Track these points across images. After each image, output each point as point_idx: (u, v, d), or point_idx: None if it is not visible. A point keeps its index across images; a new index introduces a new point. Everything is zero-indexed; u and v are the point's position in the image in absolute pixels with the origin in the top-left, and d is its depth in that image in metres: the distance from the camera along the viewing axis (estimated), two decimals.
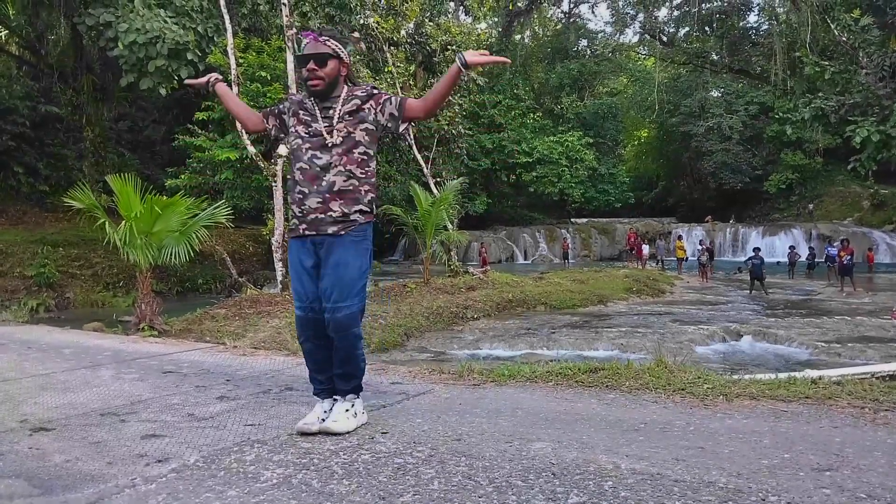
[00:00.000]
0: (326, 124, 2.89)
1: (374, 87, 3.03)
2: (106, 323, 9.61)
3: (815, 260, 22.82)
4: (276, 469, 2.45)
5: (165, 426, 3.11)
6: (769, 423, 2.95)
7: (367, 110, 2.92)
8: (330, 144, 2.86)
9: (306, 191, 2.87)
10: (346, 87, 2.97)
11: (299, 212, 2.90)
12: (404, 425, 3.00)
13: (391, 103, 2.93)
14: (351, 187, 2.87)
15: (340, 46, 2.95)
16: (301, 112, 2.96)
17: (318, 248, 2.88)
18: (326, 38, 2.93)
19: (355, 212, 2.87)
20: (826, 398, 3.30)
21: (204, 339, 7.65)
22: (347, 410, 2.93)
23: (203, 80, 3.31)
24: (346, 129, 2.88)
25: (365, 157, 2.92)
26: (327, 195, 2.84)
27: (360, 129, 2.90)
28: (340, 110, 2.90)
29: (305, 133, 2.90)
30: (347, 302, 2.80)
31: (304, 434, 2.86)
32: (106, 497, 2.23)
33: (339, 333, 2.83)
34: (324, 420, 2.91)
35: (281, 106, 3.10)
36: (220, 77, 3.34)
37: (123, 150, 25.59)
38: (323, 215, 2.84)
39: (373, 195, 2.95)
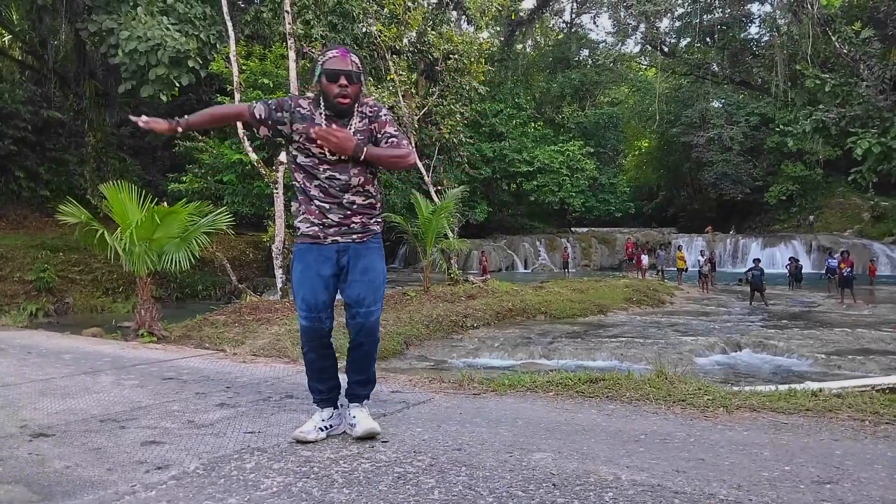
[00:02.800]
0: None
1: (378, 106, 2.96)
2: (105, 328, 9.61)
3: (801, 272, 22.75)
4: (276, 477, 2.45)
5: (165, 433, 3.11)
6: (769, 435, 2.95)
7: (372, 131, 2.92)
8: (349, 164, 2.84)
9: (327, 206, 2.86)
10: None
11: (319, 223, 2.86)
12: (404, 434, 3.01)
13: (385, 141, 2.89)
14: (369, 205, 2.94)
15: (362, 66, 2.92)
16: (313, 128, 2.80)
17: (340, 256, 2.86)
18: (355, 57, 2.87)
19: (373, 223, 2.96)
20: (826, 410, 3.30)
21: (203, 345, 7.64)
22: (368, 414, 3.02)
23: (164, 125, 2.88)
24: None
25: (377, 175, 3.00)
26: (349, 212, 2.88)
27: None
28: (355, 128, 2.87)
29: (319, 151, 2.83)
30: (378, 305, 2.89)
31: (301, 442, 2.87)
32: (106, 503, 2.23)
33: (369, 338, 2.90)
34: (328, 428, 2.97)
35: (282, 103, 2.93)
36: (180, 119, 2.94)
37: (125, 155, 25.64)
38: (346, 227, 2.87)
39: (381, 208, 3.05)
